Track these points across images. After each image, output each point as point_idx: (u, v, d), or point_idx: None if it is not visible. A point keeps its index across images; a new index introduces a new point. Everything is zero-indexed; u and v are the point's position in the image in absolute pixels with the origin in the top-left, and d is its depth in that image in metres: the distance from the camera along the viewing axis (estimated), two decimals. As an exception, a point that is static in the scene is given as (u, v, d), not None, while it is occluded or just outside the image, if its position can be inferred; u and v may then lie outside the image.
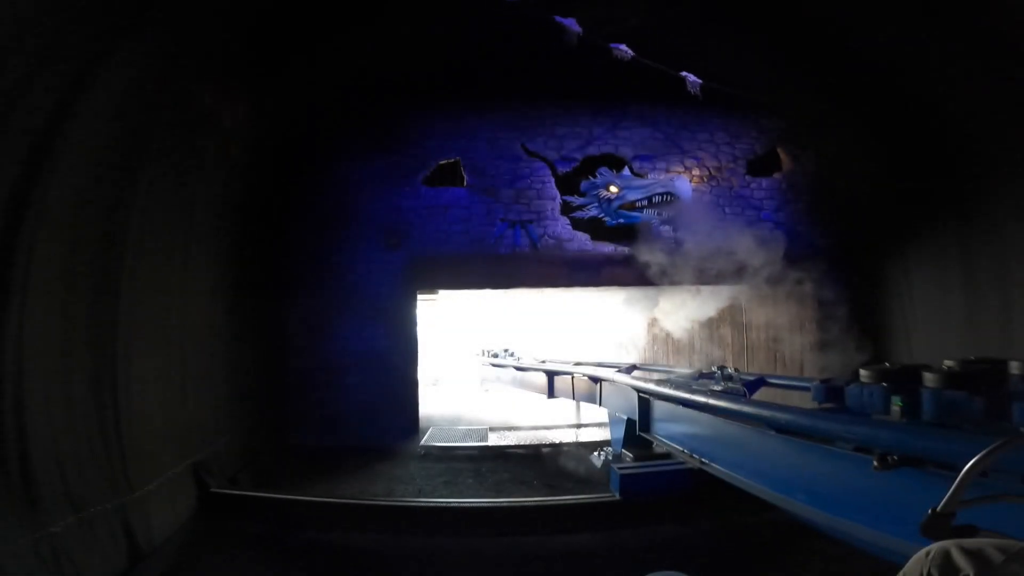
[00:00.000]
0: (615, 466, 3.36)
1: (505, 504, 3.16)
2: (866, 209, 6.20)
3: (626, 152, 6.64)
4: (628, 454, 4.39)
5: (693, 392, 3.14)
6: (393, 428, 6.06)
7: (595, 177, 6.40)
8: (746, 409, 2.43)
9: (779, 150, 6.93)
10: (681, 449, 3.40)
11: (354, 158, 6.30)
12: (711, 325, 8.15)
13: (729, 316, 7.79)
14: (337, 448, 5.71)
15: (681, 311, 7.79)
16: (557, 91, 6.44)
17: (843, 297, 6.12)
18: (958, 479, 0.97)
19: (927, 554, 0.86)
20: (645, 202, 6.36)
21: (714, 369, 3.61)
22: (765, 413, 2.28)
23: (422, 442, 5.89)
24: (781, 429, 2.19)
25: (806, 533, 2.55)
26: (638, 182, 6.40)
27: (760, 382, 3.47)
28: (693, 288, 7.14)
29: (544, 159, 6.51)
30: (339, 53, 5.93)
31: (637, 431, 4.10)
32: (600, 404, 5.13)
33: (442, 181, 6.43)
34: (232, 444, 4.23)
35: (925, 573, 0.84)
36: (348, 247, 6.21)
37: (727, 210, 6.64)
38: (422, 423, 6.46)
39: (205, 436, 3.85)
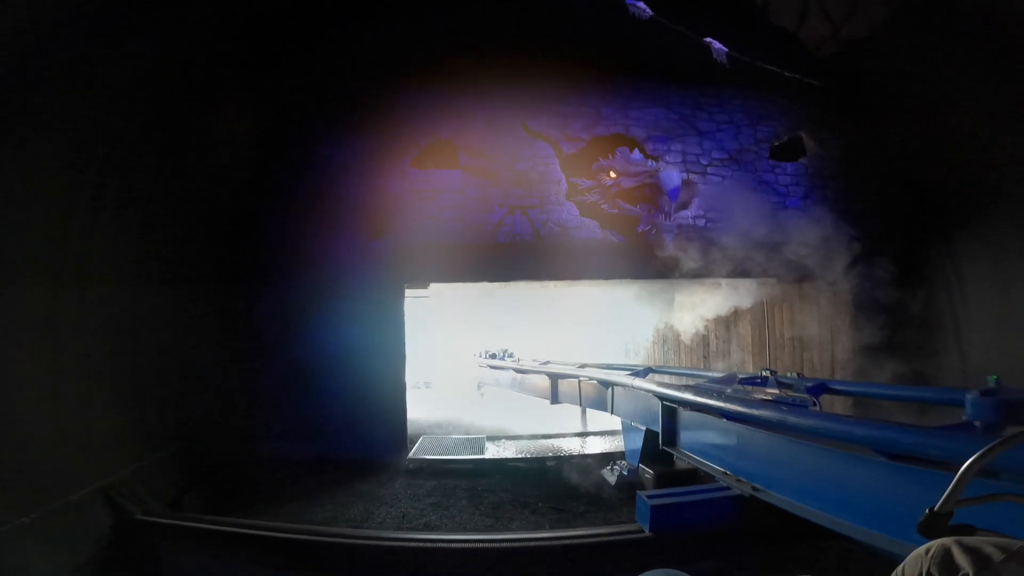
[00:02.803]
0: (643, 495, 2.69)
1: (506, 545, 2.48)
2: (906, 196, 5.58)
3: (638, 133, 6.01)
4: (647, 470, 3.81)
5: (745, 403, 2.48)
6: (377, 438, 5.38)
7: (607, 158, 5.75)
8: (858, 431, 1.68)
9: (804, 134, 6.32)
10: (724, 471, 2.75)
11: (335, 137, 5.62)
12: (729, 323, 7.50)
13: (749, 314, 7.14)
14: (314, 461, 5.10)
15: (698, 308, 7.14)
16: (561, 66, 5.79)
17: (881, 292, 5.49)
18: (955, 478, 0.94)
19: (927, 551, 0.83)
20: (637, 193, 5.75)
21: (763, 372, 2.95)
22: (907, 439, 1.54)
23: (410, 454, 5.24)
24: (925, 459, 1.49)
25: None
26: (634, 169, 5.77)
27: (821, 388, 2.79)
28: (712, 282, 6.50)
29: (547, 139, 5.87)
30: (325, 34, 5.32)
31: (660, 445, 3.46)
32: (612, 412, 4.50)
33: (433, 163, 5.77)
34: (174, 460, 3.53)
35: (925, 570, 0.80)
36: (326, 235, 5.51)
37: (750, 197, 5.99)
38: (412, 431, 5.83)
39: (127, 451, 3.14)
